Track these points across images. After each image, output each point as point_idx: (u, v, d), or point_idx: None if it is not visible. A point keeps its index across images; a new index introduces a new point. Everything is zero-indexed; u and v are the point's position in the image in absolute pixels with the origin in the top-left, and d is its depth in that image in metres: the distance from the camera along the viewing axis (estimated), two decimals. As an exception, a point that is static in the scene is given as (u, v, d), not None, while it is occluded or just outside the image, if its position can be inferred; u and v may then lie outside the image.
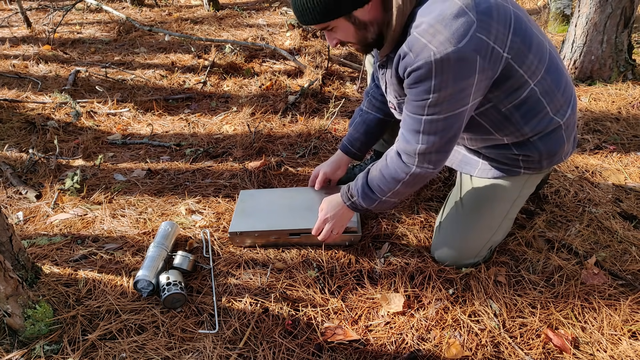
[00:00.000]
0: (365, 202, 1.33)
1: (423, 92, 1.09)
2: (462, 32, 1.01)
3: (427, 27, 1.03)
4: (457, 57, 1.01)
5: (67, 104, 2.72)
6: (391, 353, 1.20)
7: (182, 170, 2.08)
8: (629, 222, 1.65)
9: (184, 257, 1.43)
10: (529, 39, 1.13)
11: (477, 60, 1.04)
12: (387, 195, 1.29)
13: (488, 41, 1.04)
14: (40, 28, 4.47)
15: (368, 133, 1.61)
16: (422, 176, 1.23)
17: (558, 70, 1.24)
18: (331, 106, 2.57)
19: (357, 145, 1.62)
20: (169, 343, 1.22)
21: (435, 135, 1.14)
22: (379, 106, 1.57)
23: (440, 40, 1.01)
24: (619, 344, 1.21)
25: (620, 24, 2.69)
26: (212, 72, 3.25)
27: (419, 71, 1.05)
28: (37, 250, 1.55)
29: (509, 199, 1.38)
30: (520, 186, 1.37)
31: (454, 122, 1.13)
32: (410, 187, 1.27)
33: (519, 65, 1.13)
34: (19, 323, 1.20)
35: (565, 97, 1.26)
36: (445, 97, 1.08)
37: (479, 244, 1.42)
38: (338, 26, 1.13)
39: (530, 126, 1.24)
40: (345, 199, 1.39)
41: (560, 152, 1.31)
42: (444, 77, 1.04)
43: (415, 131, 1.16)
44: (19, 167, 2.09)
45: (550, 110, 1.23)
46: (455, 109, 1.11)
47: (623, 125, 2.33)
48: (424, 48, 1.02)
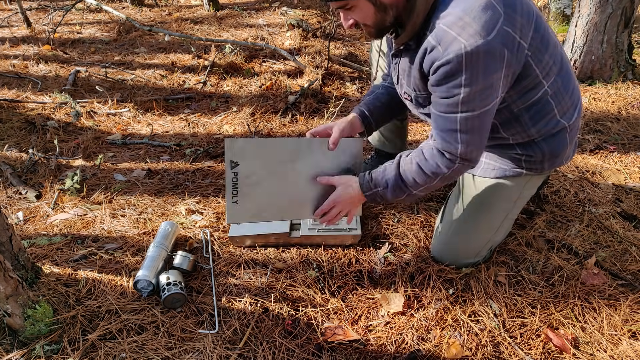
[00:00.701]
0: (393, 194, 1.27)
1: (453, 87, 1.06)
2: (491, 24, 0.99)
3: (456, 19, 1.01)
4: (487, 50, 1.00)
5: (67, 104, 2.72)
6: (391, 353, 1.20)
7: (182, 170, 2.08)
8: (629, 222, 1.65)
9: (184, 257, 1.43)
10: (546, 38, 1.13)
11: (505, 53, 1.03)
12: (419, 189, 1.25)
13: (514, 35, 1.03)
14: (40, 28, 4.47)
15: (388, 106, 1.49)
16: (461, 171, 1.21)
17: (568, 73, 1.24)
18: (331, 106, 2.57)
19: (375, 116, 1.47)
20: (169, 343, 1.22)
21: (474, 133, 1.13)
22: None
23: (470, 33, 0.99)
24: (619, 344, 1.21)
25: (620, 24, 2.69)
26: (212, 72, 3.25)
27: (449, 65, 1.03)
28: (37, 250, 1.55)
29: (510, 199, 1.38)
30: (522, 187, 1.37)
31: (488, 116, 1.12)
32: (444, 182, 1.24)
33: (535, 64, 1.13)
34: (19, 323, 1.20)
35: (573, 100, 1.26)
36: (476, 92, 1.06)
37: (480, 244, 1.42)
38: (358, 5, 1.08)
39: (537, 127, 1.24)
40: (366, 189, 1.30)
41: (562, 154, 1.31)
42: (475, 71, 1.02)
43: (451, 131, 1.14)
44: (19, 167, 2.09)
45: (557, 112, 1.23)
46: (487, 104, 1.09)
47: (623, 125, 2.33)
48: (454, 41, 1.00)
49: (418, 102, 1.28)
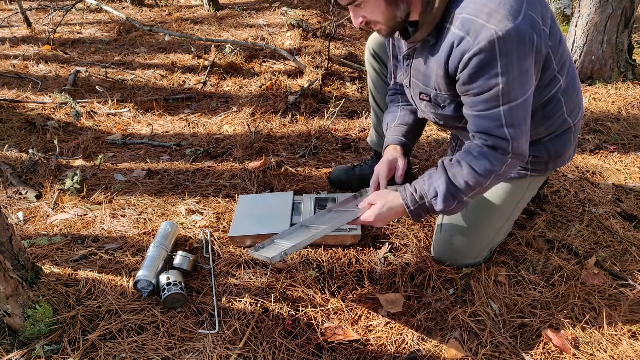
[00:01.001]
0: (444, 203, 1.15)
1: (489, 77, 1.02)
2: (517, 9, 0.97)
3: (480, 6, 0.98)
4: (517, 34, 0.97)
5: (67, 104, 2.72)
6: (391, 353, 1.20)
7: (182, 170, 2.08)
8: (629, 222, 1.65)
9: (184, 257, 1.43)
10: (560, 32, 1.13)
11: (534, 37, 1.00)
12: (471, 192, 1.15)
13: (538, 19, 1.01)
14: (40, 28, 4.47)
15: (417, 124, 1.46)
16: (514, 166, 1.14)
17: (574, 71, 1.24)
18: (331, 106, 2.57)
19: (409, 137, 1.45)
20: (169, 343, 1.22)
21: (520, 125, 1.08)
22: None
23: (498, 19, 0.96)
24: (619, 344, 1.21)
25: (620, 24, 2.69)
26: (212, 72, 3.25)
27: (482, 54, 0.99)
28: (37, 250, 1.55)
29: (512, 201, 1.38)
30: (525, 188, 1.37)
31: (528, 105, 1.07)
32: (497, 181, 1.17)
33: (554, 55, 1.11)
34: (19, 323, 1.20)
35: (578, 99, 1.26)
36: (514, 78, 1.01)
37: (481, 246, 1.41)
38: (368, 1, 1.05)
39: (546, 126, 1.24)
40: (411, 202, 1.19)
41: (565, 154, 1.31)
42: (509, 57, 0.98)
43: (497, 127, 1.08)
44: (19, 167, 2.09)
45: (566, 110, 1.23)
46: (526, 91, 1.05)
47: (623, 125, 2.33)
48: (482, 28, 0.97)
49: (437, 103, 1.23)
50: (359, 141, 2.28)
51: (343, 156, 2.16)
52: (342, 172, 1.85)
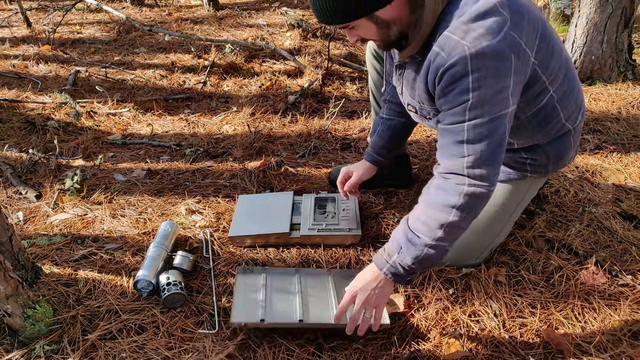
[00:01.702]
0: (410, 254, 1.07)
1: (461, 92, 1.00)
2: (496, 28, 0.96)
3: (459, 24, 0.98)
4: (493, 53, 0.96)
5: (67, 104, 2.72)
6: (391, 353, 1.20)
7: (182, 170, 2.08)
8: (629, 222, 1.65)
9: (184, 257, 1.43)
10: (552, 45, 1.11)
11: (512, 58, 0.99)
12: (438, 235, 1.05)
13: (520, 41, 1.00)
14: (40, 28, 4.47)
15: (394, 139, 1.54)
16: (477, 196, 1.04)
17: (573, 76, 1.23)
18: (331, 106, 2.57)
19: (383, 153, 1.55)
20: (169, 343, 1.22)
21: (481, 143, 1.02)
22: (399, 111, 1.51)
23: (474, 36, 0.96)
24: (619, 344, 1.21)
25: (620, 24, 2.69)
26: (212, 72, 3.25)
27: (454, 68, 0.99)
28: (37, 250, 1.55)
29: (513, 203, 1.38)
30: (525, 190, 1.37)
31: (498, 126, 1.03)
32: (464, 217, 1.05)
33: (542, 71, 1.11)
34: (19, 323, 1.20)
35: (577, 103, 1.26)
36: (485, 97, 0.99)
37: (482, 247, 1.41)
38: (360, 25, 1.07)
39: (543, 133, 1.24)
40: (381, 264, 1.11)
41: (566, 156, 1.31)
42: (482, 73, 0.97)
43: (457, 143, 1.04)
44: (19, 167, 2.09)
45: (563, 116, 1.23)
46: (497, 111, 1.01)
47: (623, 125, 2.33)
48: (457, 44, 0.97)
49: (423, 115, 1.25)
50: (359, 141, 2.28)
51: (343, 156, 2.16)
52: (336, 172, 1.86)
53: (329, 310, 1.28)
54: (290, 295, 1.33)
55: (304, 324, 1.21)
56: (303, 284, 1.38)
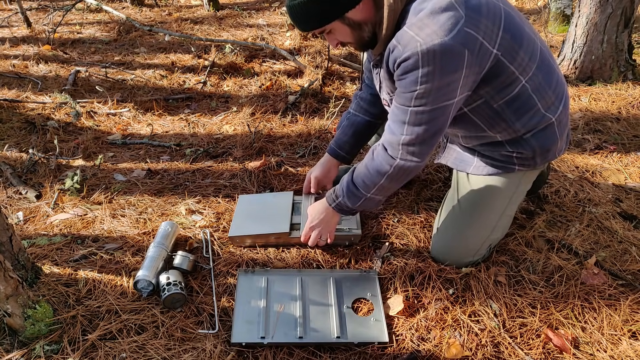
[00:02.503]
0: (350, 201, 1.33)
1: (411, 83, 1.10)
2: (450, 25, 1.03)
3: (416, 20, 1.05)
4: (443, 50, 1.03)
5: (67, 104, 2.72)
6: (391, 353, 1.20)
7: (182, 170, 2.08)
8: (629, 222, 1.65)
9: (184, 257, 1.43)
10: (519, 36, 1.15)
11: (465, 54, 1.05)
12: (371, 191, 1.29)
13: (477, 36, 1.06)
14: (40, 28, 4.47)
15: (356, 135, 1.61)
16: (406, 169, 1.23)
17: (549, 67, 1.25)
18: (331, 106, 2.57)
19: (346, 148, 1.62)
20: (168, 343, 1.22)
21: (420, 127, 1.15)
22: (366, 108, 1.58)
23: (427, 33, 1.03)
24: (619, 344, 1.21)
25: (620, 24, 2.69)
26: (212, 72, 3.25)
27: (407, 62, 1.07)
28: (37, 250, 1.55)
29: (505, 195, 1.38)
30: (517, 183, 1.38)
31: (439, 115, 1.14)
32: (394, 182, 1.27)
33: (509, 61, 1.15)
34: (19, 323, 1.20)
35: (557, 93, 1.28)
36: (432, 89, 1.09)
37: (478, 242, 1.42)
38: (335, 28, 1.16)
39: (521, 122, 1.26)
40: (330, 201, 1.39)
41: (553, 148, 1.32)
42: (431, 68, 1.05)
43: (401, 122, 1.18)
44: (19, 167, 2.09)
45: (541, 106, 1.25)
46: (441, 102, 1.12)
47: (623, 125, 2.33)
48: (411, 40, 1.05)
49: None
50: (359, 141, 2.28)
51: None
52: (342, 172, 1.86)
53: (329, 321, 1.28)
54: (291, 302, 1.33)
55: (303, 342, 1.22)
56: (304, 288, 1.38)
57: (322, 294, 1.37)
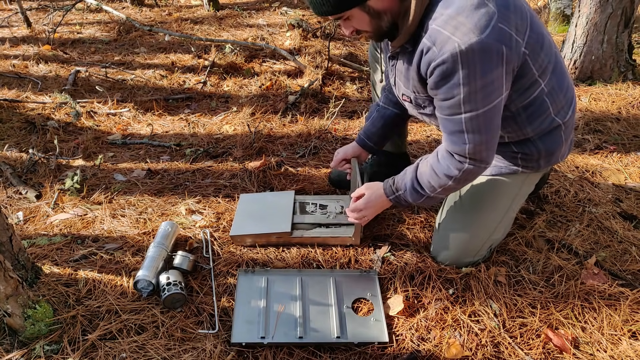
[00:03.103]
0: (412, 197, 1.31)
1: (453, 87, 1.07)
2: (485, 22, 1.01)
3: (448, 18, 1.03)
4: (482, 48, 1.01)
5: (67, 104, 2.72)
6: (391, 353, 1.20)
7: (182, 170, 2.08)
8: (629, 222, 1.65)
9: (184, 257, 1.43)
10: (542, 37, 1.14)
11: (503, 49, 1.03)
12: (436, 191, 1.27)
13: (510, 32, 1.04)
14: (40, 28, 4.47)
15: (386, 127, 1.60)
16: (473, 172, 1.21)
17: (563, 71, 1.25)
18: (331, 106, 2.57)
19: (374, 139, 1.61)
20: (168, 343, 1.22)
21: (481, 132, 1.13)
22: (395, 101, 1.55)
23: (464, 32, 1.01)
24: (619, 344, 1.21)
25: (620, 24, 2.69)
26: (212, 72, 3.25)
27: (445, 65, 1.04)
28: (37, 250, 1.55)
29: (508, 197, 1.38)
30: (519, 184, 1.38)
31: (493, 115, 1.12)
32: (460, 183, 1.25)
33: (532, 62, 1.13)
34: (19, 323, 1.20)
35: (567, 98, 1.27)
36: (476, 90, 1.06)
37: (479, 243, 1.42)
38: (353, 15, 1.12)
39: (532, 126, 1.25)
40: (389, 193, 1.36)
41: (557, 152, 1.32)
42: (471, 69, 1.03)
43: (458, 132, 1.15)
44: (19, 167, 2.09)
45: (552, 110, 1.24)
46: (490, 101, 1.09)
47: (623, 125, 2.33)
48: (448, 40, 1.02)
49: (418, 104, 1.29)
50: (359, 141, 2.28)
51: (343, 156, 2.16)
52: (342, 172, 1.86)
53: (329, 321, 1.28)
54: (292, 302, 1.33)
55: (303, 342, 1.22)
56: (304, 288, 1.38)
57: (322, 294, 1.37)
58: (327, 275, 1.43)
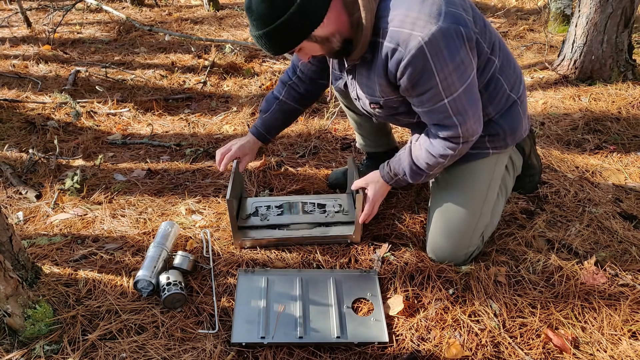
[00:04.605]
0: (413, 179, 1.37)
1: (428, 78, 1.12)
2: (436, 10, 1.06)
3: (403, 17, 1.07)
4: (442, 34, 1.06)
5: (67, 104, 2.72)
6: (391, 353, 1.20)
7: (182, 170, 2.08)
8: (629, 222, 1.65)
9: (184, 257, 1.43)
10: (481, 16, 1.20)
11: (461, 30, 1.08)
12: (434, 169, 1.33)
13: (460, 12, 1.10)
14: (40, 28, 4.47)
15: (286, 122, 1.65)
16: (467, 146, 1.27)
17: (505, 48, 1.32)
18: (331, 106, 2.57)
19: (273, 133, 1.65)
20: (168, 343, 1.22)
21: (466, 110, 1.18)
22: (298, 98, 1.59)
23: (421, 25, 1.05)
24: (619, 344, 1.21)
25: (620, 24, 2.69)
26: (212, 72, 3.25)
27: (414, 60, 1.08)
28: (37, 250, 1.55)
29: (484, 180, 1.41)
30: (492, 167, 1.41)
31: (472, 88, 1.17)
32: (456, 158, 1.31)
33: (483, 40, 1.19)
34: (19, 323, 1.20)
35: (516, 73, 1.34)
36: (450, 73, 1.11)
37: (468, 230, 1.42)
38: (304, 47, 1.17)
39: (493, 105, 1.31)
40: (388, 179, 1.41)
41: (520, 128, 1.37)
42: (439, 55, 1.08)
43: (447, 116, 1.19)
44: (19, 167, 2.09)
45: (507, 86, 1.30)
46: (465, 79, 1.14)
47: (623, 125, 2.33)
48: (410, 37, 1.06)
49: (390, 107, 1.32)
50: (359, 141, 2.28)
51: (343, 156, 2.16)
52: (340, 174, 1.89)
53: (329, 321, 1.28)
54: (291, 302, 1.33)
55: (303, 342, 1.22)
56: (304, 288, 1.38)
57: (322, 294, 1.37)
58: (327, 275, 1.43)
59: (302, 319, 1.28)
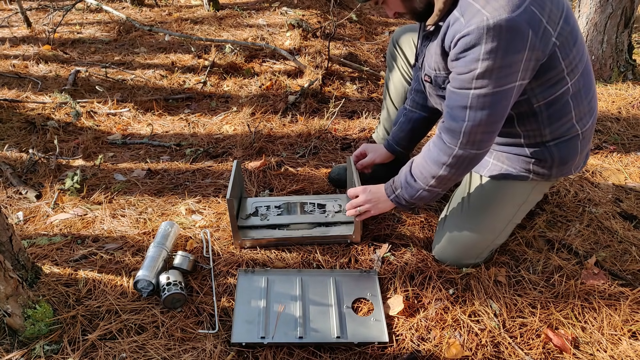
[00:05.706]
0: (408, 192, 1.29)
1: (471, 61, 1.04)
2: (518, 1, 0.99)
3: None
4: (510, 26, 0.98)
5: (67, 104, 2.72)
6: (391, 353, 1.20)
7: (182, 170, 2.08)
8: (629, 222, 1.65)
9: (184, 257, 1.43)
10: (575, 33, 1.12)
11: (530, 34, 1.01)
12: (430, 183, 1.24)
13: (541, 17, 1.02)
14: (40, 28, 4.47)
15: (414, 131, 1.59)
16: (465, 158, 1.17)
17: (590, 77, 1.22)
18: (331, 106, 2.57)
19: (403, 144, 1.61)
20: (168, 343, 1.22)
21: (483, 112, 1.09)
22: (422, 104, 1.53)
23: (495, 7, 0.99)
24: (619, 344, 1.21)
25: (620, 24, 2.70)
26: (212, 72, 3.25)
27: (469, 37, 1.02)
28: (37, 250, 1.55)
29: (516, 203, 1.37)
30: (529, 192, 1.37)
31: (502, 99, 1.08)
32: (454, 173, 1.21)
33: (562, 57, 1.11)
34: (19, 323, 1.20)
35: (591, 106, 1.25)
36: (493, 68, 1.03)
37: (482, 246, 1.41)
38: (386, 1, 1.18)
39: (551, 128, 1.23)
40: (389, 192, 1.35)
41: (571, 162, 1.30)
42: (494, 45, 1.00)
43: (461, 107, 1.11)
44: (19, 167, 2.09)
45: (574, 115, 1.21)
46: (503, 84, 1.06)
47: (623, 125, 2.33)
48: (477, 13, 1.00)
49: (437, 83, 1.26)
50: (359, 141, 2.28)
51: (343, 156, 2.16)
52: (342, 170, 1.86)
53: (329, 321, 1.27)
54: (291, 302, 1.33)
55: (303, 342, 1.22)
56: (304, 288, 1.38)
57: (322, 294, 1.37)
58: (327, 275, 1.43)
59: (302, 319, 1.28)
